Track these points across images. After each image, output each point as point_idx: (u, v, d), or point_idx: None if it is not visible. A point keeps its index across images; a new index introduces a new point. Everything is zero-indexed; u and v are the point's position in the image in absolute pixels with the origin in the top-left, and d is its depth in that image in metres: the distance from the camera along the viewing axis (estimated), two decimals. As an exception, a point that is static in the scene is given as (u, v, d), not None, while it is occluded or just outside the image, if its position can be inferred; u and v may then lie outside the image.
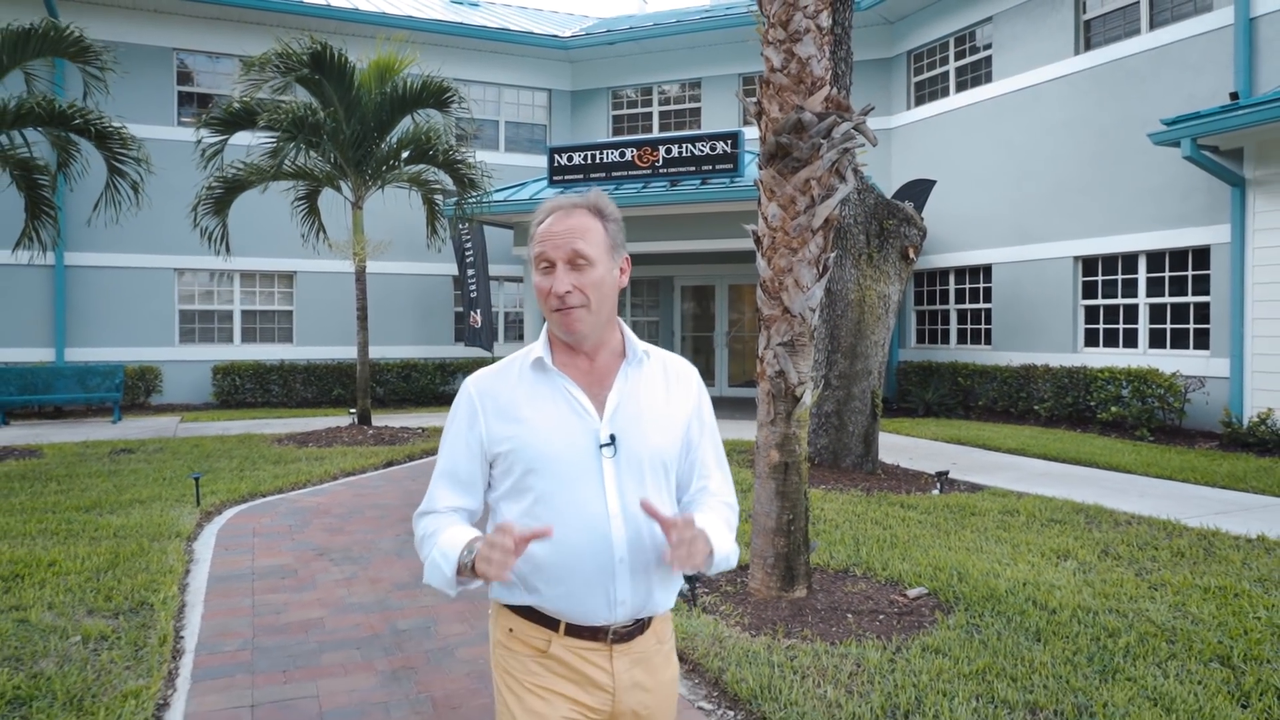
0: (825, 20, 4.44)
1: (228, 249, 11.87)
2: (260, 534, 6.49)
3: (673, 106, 17.44)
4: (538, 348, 1.74)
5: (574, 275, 1.65)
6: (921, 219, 9.47)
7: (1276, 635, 3.99)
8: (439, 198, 12.72)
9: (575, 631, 1.67)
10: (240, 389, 15.24)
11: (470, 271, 14.97)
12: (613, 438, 1.68)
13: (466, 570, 1.59)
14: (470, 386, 1.76)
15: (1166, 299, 11.22)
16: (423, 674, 3.93)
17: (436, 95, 10.47)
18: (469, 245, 15.08)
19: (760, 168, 4.63)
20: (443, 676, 3.90)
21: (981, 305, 14.00)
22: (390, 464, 9.62)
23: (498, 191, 13.52)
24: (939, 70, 14.70)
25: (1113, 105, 11.69)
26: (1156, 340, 11.35)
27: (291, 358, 15.83)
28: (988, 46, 13.73)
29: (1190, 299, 10.93)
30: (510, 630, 1.72)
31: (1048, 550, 5.54)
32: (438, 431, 11.70)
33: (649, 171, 12.94)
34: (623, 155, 13.07)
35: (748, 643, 4.09)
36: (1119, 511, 6.66)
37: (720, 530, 1.73)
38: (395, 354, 16.18)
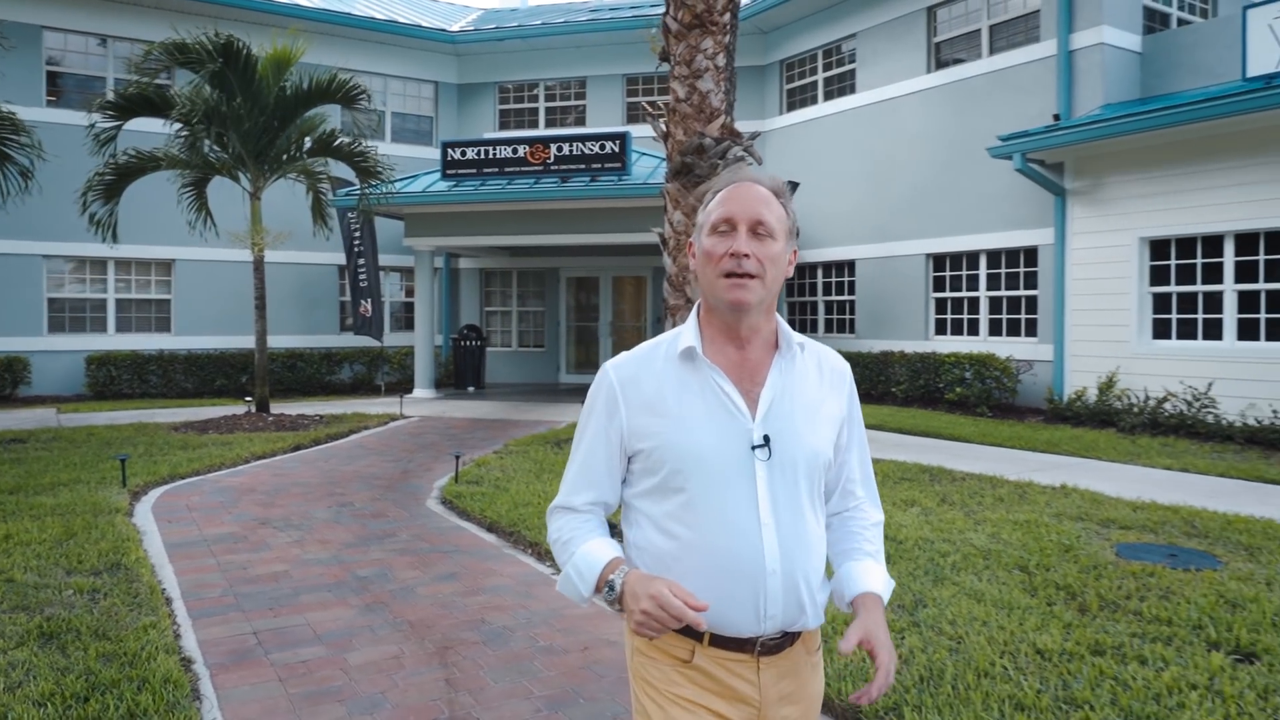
0: (721, 61, 5.48)
1: (114, 236, 11.99)
2: (195, 509, 7.05)
3: (559, 103, 18.31)
4: (688, 334, 1.66)
5: (754, 243, 1.59)
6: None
7: (1061, 550, 5.31)
8: (326, 188, 13.19)
9: (721, 643, 1.61)
10: (116, 380, 15.17)
11: (360, 261, 15.41)
12: (766, 439, 1.60)
13: (604, 590, 1.58)
14: (611, 373, 1.68)
15: (1003, 293, 12.96)
16: (393, 606, 4.76)
17: (343, 91, 11.00)
18: (358, 235, 15.51)
19: (667, 180, 5.64)
20: (412, 607, 4.74)
21: (846, 297, 15.54)
22: (299, 448, 10.15)
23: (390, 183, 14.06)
24: (809, 80, 16.15)
25: (960, 120, 13.34)
26: (994, 329, 13.09)
27: (171, 347, 15.85)
28: (853, 60, 15.23)
29: (1022, 293, 12.69)
30: (650, 639, 1.62)
31: (899, 500, 6.81)
32: (335, 419, 12.24)
33: (540, 168, 13.79)
34: (515, 152, 13.86)
35: (661, 573, 5.09)
36: (957, 471, 8.06)
37: (879, 572, 1.73)
38: (280, 343, 16.40)
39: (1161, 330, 10.80)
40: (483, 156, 14.00)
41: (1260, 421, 9.47)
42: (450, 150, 14.20)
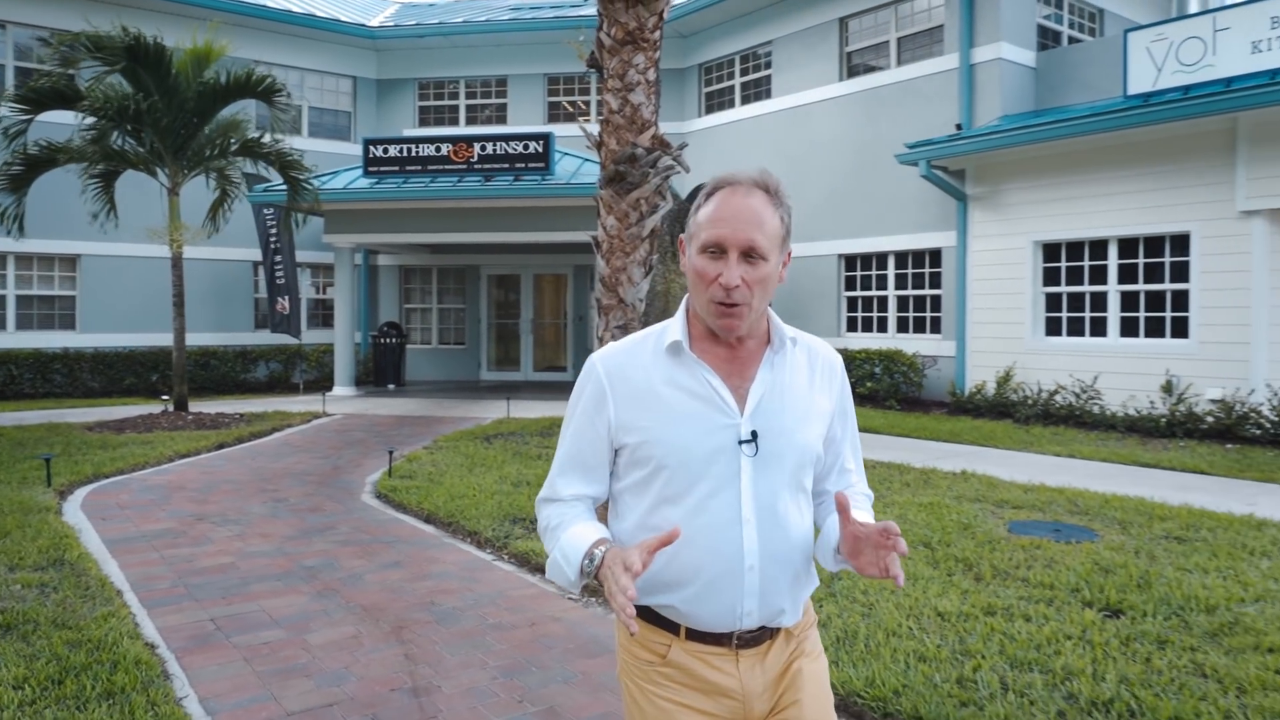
0: (652, 75, 5.88)
1: (21, 229, 11.73)
2: (127, 507, 7.11)
3: (479, 100, 18.47)
4: (675, 328, 1.66)
5: (745, 268, 1.57)
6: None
7: (960, 528, 5.89)
8: (239, 184, 13.09)
9: (697, 637, 1.62)
10: (17, 379, 14.73)
11: (278, 259, 15.32)
12: (754, 434, 1.61)
13: (589, 576, 1.56)
14: (598, 365, 1.68)
15: (909, 292, 13.73)
16: (344, 593, 5.01)
17: (263, 87, 11.00)
18: (274, 231, 15.41)
19: (600, 187, 6.01)
20: (362, 593, 5.01)
21: (763, 296, 16.15)
22: (223, 446, 10.17)
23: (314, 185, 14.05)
24: (727, 84, 16.71)
25: (871, 126, 14.06)
26: (902, 326, 13.86)
27: (77, 345, 15.46)
28: (769, 66, 15.84)
29: (927, 292, 13.47)
30: (632, 634, 1.62)
31: (815, 488, 7.34)
32: (257, 417, 12.22)
33: (464, 167, 13.98)
34: (439, 150, 14.01)
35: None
36: (869, 459, 8.65)
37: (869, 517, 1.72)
38: (194, 341, 16.13)
39: (1053, 328, 11.67)
40: (405, 154, 14.11)
41: (1139, 411, 10.37)
42: (372, 147, 14.26)
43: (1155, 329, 10.71)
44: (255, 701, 3.58)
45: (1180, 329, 10.46)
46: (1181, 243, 10.44)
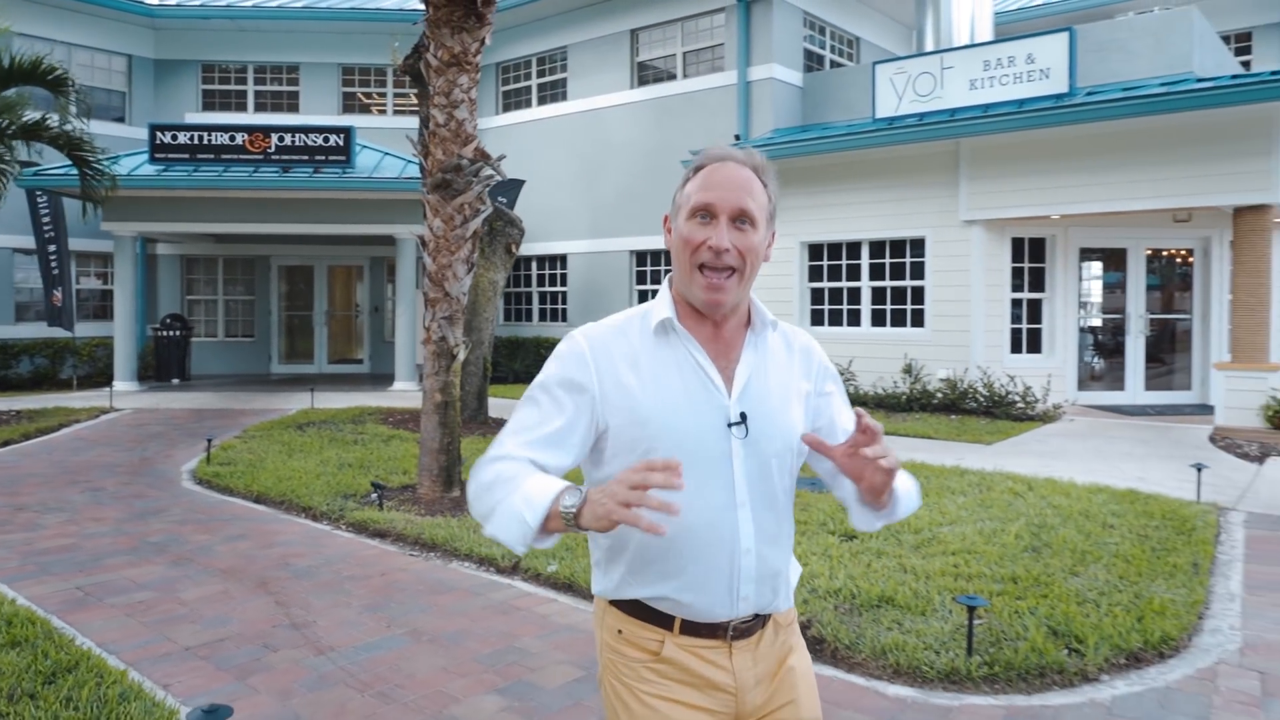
0: (474, 94, 6.75)
1: None
2: (-69, 501, 7.13)
3: (269, 87, 18.30)
4: (662, 307, 1.65)
5: (735, 234, 1.57)
6: (520, 219, 12.15)
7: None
8: (11, 169, 12.57)
9: (692, 629, 1.62)
10: None
11: (52, 248, 14.68)
12: (743, 416, 1.60)
13: (556, 521, 1.43)
14: (581, 340, 1.63)
15: (696, 286, 15.24)
16: (199, 561, 5.57)
17: (51, 76, 10.72)
18: (47, 218, 14.75)
19: (428, 192, 6.80)
20: (216, 560, 5.59)
21: (559, 288, 17.22)
22: (9, 443, 9.97)
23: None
24: (524, 84, 17.62)
25: (660, 132, 15.43)
26: (689, 318, 15.35)
27: None
28: (564, 69, 16.89)
29: (712, 287, 15.02)
30: (619, 632, 1.65)
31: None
32: (37, 414, 11.88)
33: (260, 157, 14.07)
34: (233, 139, 14.02)
35: (429, 522, 6.31)
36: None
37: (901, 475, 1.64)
38: (-54, 334, 15.15)
39: (818, 318, 13.49)
40: (196, 141, 14.00)
41: (885, 390, 12.33)
42: (160, 133, 14.03)
43: (899, 319, 12.71)
44: (151, 643, 4.20)
45: (918, 320, 12.50)
46: (919, 246, 12.48)
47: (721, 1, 14.47)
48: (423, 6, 6.58)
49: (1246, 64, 16.01)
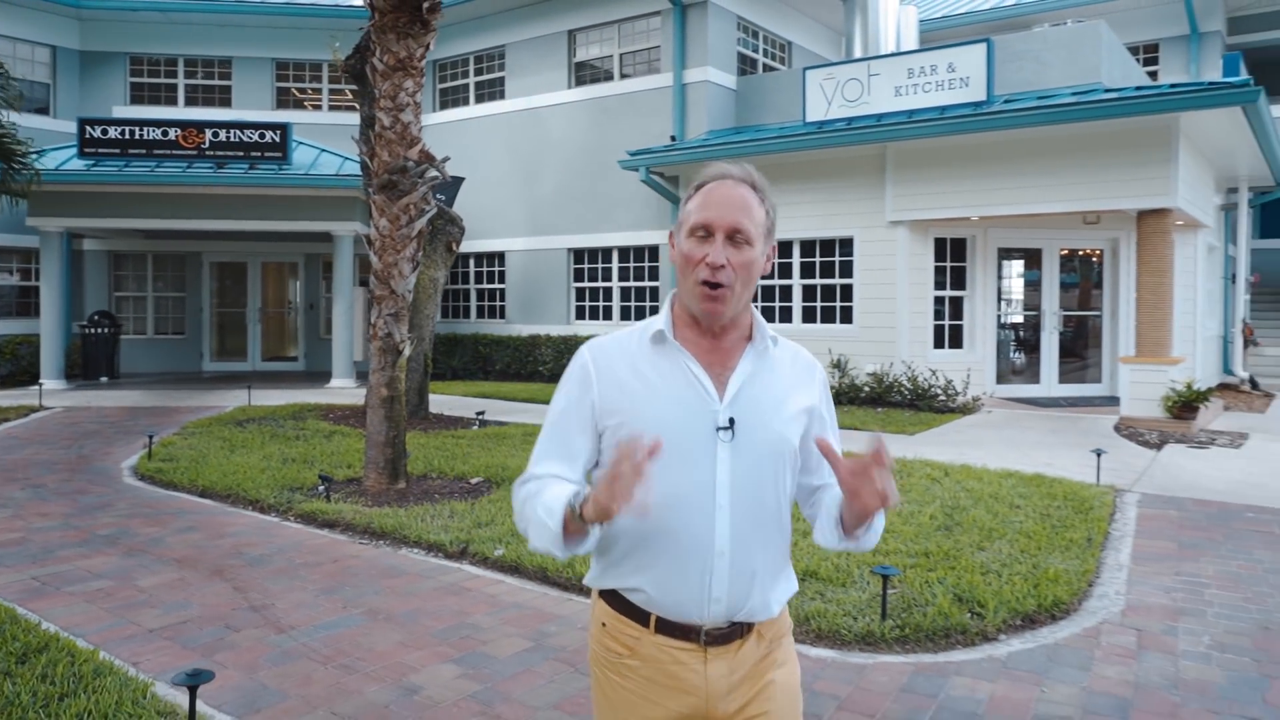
0: (420, 97, 7.00)
1: None
2: None
3: (201, 81, 18.13)
4: (659, 319, 1.75)
5: (731, 250, 1.66)
6: (460, 217, 12.37)
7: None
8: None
9: (666, 629, 1.68)
10: None
11: (-28, 241, 14.39)
12: (731, 421, 1.67)
13: (575, 522, 1.57)
14: (586, 353, 1.76)
15: (631, 284, 15.63)
16: (152, 551, 5.75)
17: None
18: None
19: (374, 193, 7.04)
20: (169, 550, 5.77)
21: (498, 285, 17.44)
22: (-62, 441, 9.88)
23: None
24: (462, 82, 17.77)
25: (597, 132, 15.75)
26: (625, 314, 15.72)
27: None
28: (503, 69, 17.10)
29: (646, 284, 15.42)
30: (604, 625, 1.74)
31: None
32: (-37, 411, 11.73)
33: (194, 152, 14.02)
34: (166, 134, 13.94)
35: (377, 512, 6.56)
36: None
37: None
38: None
39: (751, 316, 13.95)
40: (128, 136, 13.89)
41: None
42: (90, 127, 13.88)
43: (829, 316, 13.25)
44: (115, 626, 4.41)
45: (847, 316, 13.05)
46: (847, 245, 13.03)
47: (658, 5, 14.85)
48: (369, 11, 6.80)
49: (1154, 74, 16.98)
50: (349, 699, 3.63)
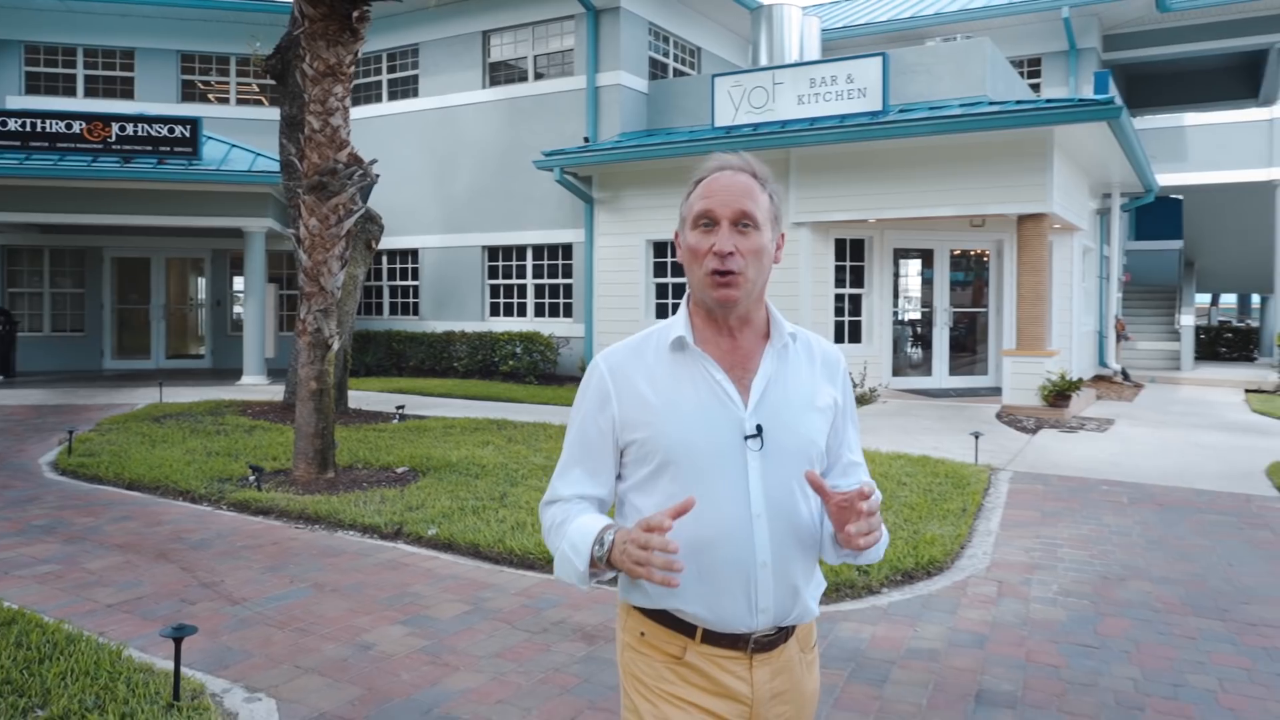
0: (349, 102, 7.36)
1: None
2: None
3: (102, 72, 17.83)
4: (678, 324, 1.71)
5: (738, 237, 1.63)
6: (379, 215, 12.64)
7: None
8: None
9: (713, 639, 1.65)
10: None
11: None
12: (759, 428, 1.64)
13: (601, 564, 1.57)
14: (601, 364, 1.73)
15: (545, 281, 16.10)
16: (92, 539, 6.01)
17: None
18: None
19: (304, 193, 7.38)
20: (109, 538, 6.04)
21: (411, 283, 17.67)
22: None
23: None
24: (375, 78, 17.93)
25: (512, 132, 16.15)
26: (539, 311, 16.19)
27: None
28: (416, 67, 17.33)
29: (560, 281, 15.92)
30: (642, 634, 1.70)
31: (476, 443, 9.24)
32: None
33: (100, 146, 13.91)
34: (70, 127, 13.79)
35: (310, 499, 6.92)
36: (517, 421, 10.73)
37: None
38: None
39: (662, 312, 14.59)
40: (29, 129, 13.69)
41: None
42: (-13, 118, 13.64)
43: (737, 313, 13.95)
44: (74, 603, 4.72)
45: (754, 313, 13.77)
46: (754, 246, 13.74)
47: (571, 9, 15.34)
48: (300, 18, 7.14)
49: (1036, 86, 18.26)
50: (309, 655, 4.07)
